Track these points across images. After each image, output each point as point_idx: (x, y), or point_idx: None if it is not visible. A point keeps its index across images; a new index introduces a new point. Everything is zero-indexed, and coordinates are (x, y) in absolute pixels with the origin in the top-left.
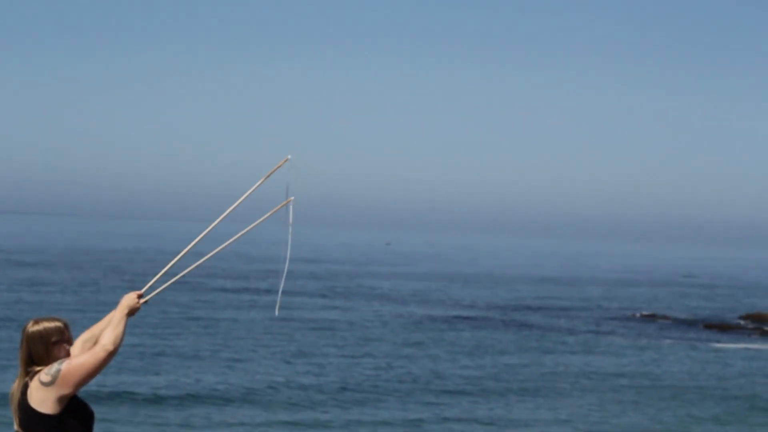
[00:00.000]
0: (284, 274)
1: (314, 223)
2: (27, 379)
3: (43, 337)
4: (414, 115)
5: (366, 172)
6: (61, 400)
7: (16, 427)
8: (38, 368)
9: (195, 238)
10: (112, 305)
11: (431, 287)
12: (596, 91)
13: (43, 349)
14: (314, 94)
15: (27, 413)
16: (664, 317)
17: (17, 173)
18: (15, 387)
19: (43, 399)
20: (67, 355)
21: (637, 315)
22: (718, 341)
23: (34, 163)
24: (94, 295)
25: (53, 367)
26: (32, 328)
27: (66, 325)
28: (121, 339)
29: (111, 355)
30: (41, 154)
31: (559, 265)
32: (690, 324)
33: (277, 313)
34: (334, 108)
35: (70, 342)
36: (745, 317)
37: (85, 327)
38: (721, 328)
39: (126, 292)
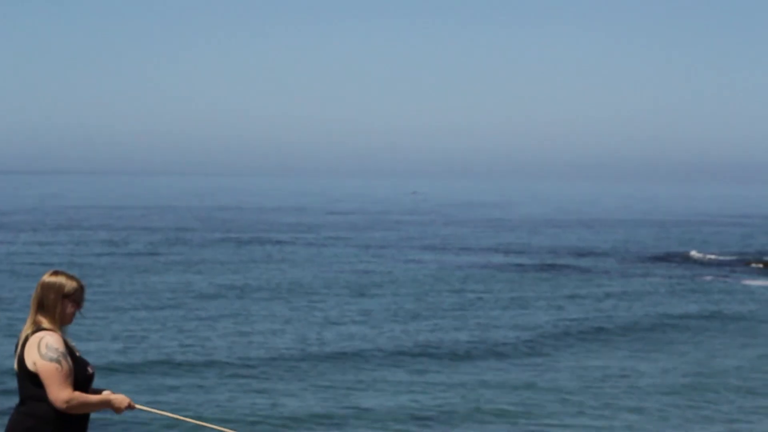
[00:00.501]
0: None
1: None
2: (30, 332)
3: (58, 289)
4: (442, 60)
5: (387, 122)
6: None
7: (15, 366)
8: (45, 322)
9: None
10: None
11: (466, 233)
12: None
13: (54, 300)
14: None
15: (21, 368)
16: (703, 257)
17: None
18: (22, 332)
19: (35, 361)
20: (72, 314)
21: (674, 255)
22: (755, 280)
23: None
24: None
25: (51, 348)
26: (49, 278)
27: (82, 288)
28: (79, 411)
29: (58, 408)
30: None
31: (598, 209)
32: (730, 263)
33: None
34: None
35: (80, 304)
36: None
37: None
38: (759, 265)
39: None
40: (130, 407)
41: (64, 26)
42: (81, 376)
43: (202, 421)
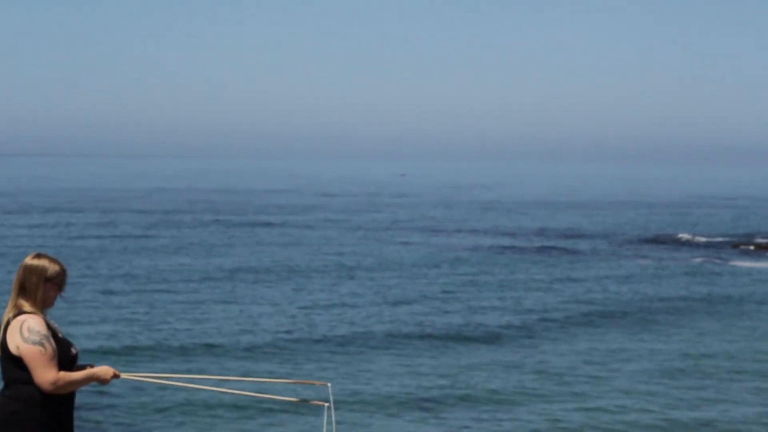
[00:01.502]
0: None
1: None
2: (11, 316)
3: (40, 272)
4: (432, 43)
5: (376, 102)
6: None
7: None
8: (26, 305)
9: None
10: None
11: (455, 216)
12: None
13: (36, 284)
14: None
15: (4, 352)
16: (692, 238)
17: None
18: (4, 316)
19: (18, 344)
20: (54, 297)
21: (663, 237)
22: (745, 261)
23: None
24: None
25: (34, 331)
26: (31, 261)
27: (64, 272)
28: (66, 390)
29: (45, 390)
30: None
31: (588, 190)
32: (718, 245)
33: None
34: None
35: (61, 287)
36: None
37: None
38: (750, 247)
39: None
40: (115, 377)
41: (45, 7)
42: (65, 357)
43: (192, 382)
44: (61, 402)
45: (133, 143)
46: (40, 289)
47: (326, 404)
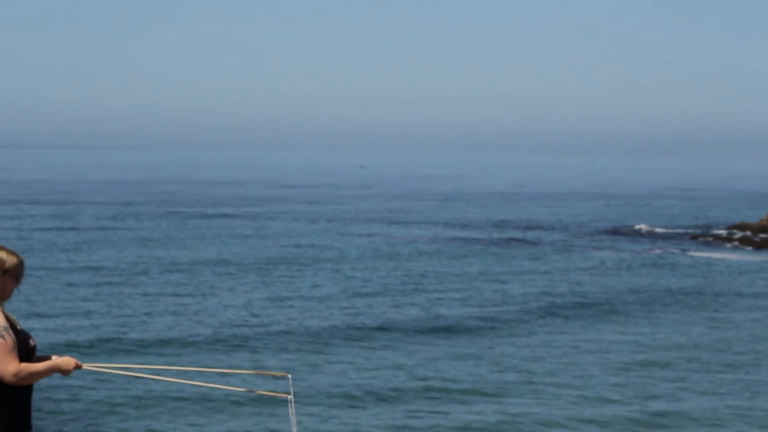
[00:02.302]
0: None
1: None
2: None
3: None
4: (388, 33)
5: (335, 94)
6: None
7: None
8: None
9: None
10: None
11: (416, 208)
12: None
13: None
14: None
15: None
16: (650, 230)
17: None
18: None
19: None
20: (12, 290)
21: (622, 228)
22: (703, 252)
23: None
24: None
25: None
26: None
27: (22, 264)
28: (28, 381)
29: (7, 382)
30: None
31: (548, 182)
32: (676, 236)
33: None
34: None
35: (19, 280)
36: (731, 227)
37: None
38: (708, 238)
39: None
40: (78, 367)
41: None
42: (23, 348)
43: (154, 373)
44: (19, 393)
45: (91, 134)
46: (1, 281)
47: (287, 396)
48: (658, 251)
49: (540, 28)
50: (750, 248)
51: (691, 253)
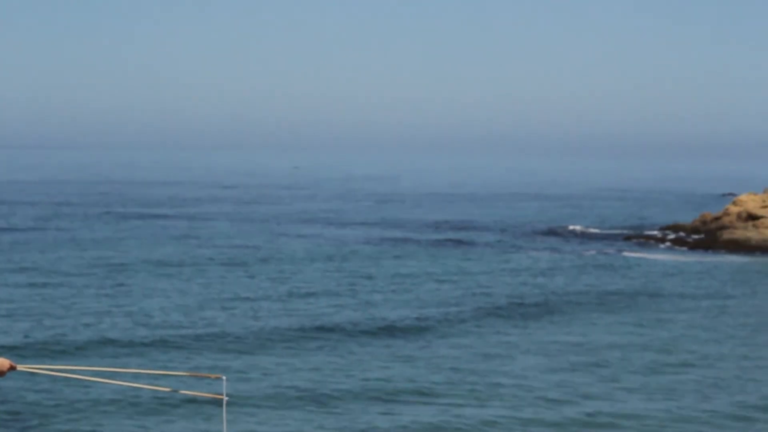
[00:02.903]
0: None
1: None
2: None
3: None
4: (332, 34)
5: (272, 94)
6: None
7: None
8: None
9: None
10: None
11: (351, 208)
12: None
13: None
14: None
15: None
16: (585, 230)
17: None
18: None
19: None
20: None
21: (557, 228)
22: (637, 253)
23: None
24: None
25: None
26: None
27: None
28: None
29: None
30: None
31: (485, 183)
32: (610, 236)
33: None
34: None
35: None
36: (664, 228)
37: None
38: (641, 238)
39: None
40: (12, 368)
41: None
42: None
43: (87, 374)
44: None
45: (23, 134)
46: None
47: (222, 397)
48: (592, 252)
49: (460, 27)
50: (683, 249)
51: (624, 254)
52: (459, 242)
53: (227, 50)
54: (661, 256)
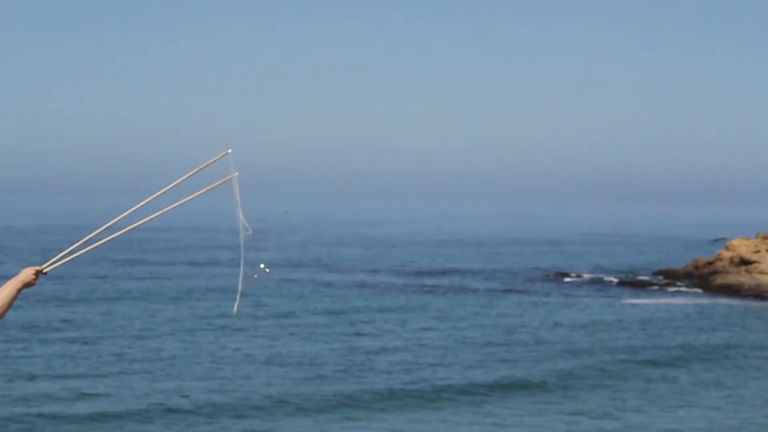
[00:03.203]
0: (242, 264)
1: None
2: None
3: None
4: (308, 80)
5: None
6: None
7: None
8: None
9: None
10: None
11: (344, 253)
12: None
13: None
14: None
15: None
16: (578, 275)
17: None
18: None
19: None
20: None
21: (550, 274)
22: (632, 297)
23: None
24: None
25: None
26: None
27: None
28: (6, 308)
29: None
30: None
31: (465, 228)
32: (604, 282)
33: (235, 310)
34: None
35: None
36: (657, 273)
37: None
38: (634, 284)
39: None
40: (40, 273)
41: None
42: None
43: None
44: None
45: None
46: None
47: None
48: (588, 298)
49: (444, 73)
50: (674, 292)
51: (617, 299)
52: (447, 288)
53: (199, 90)
54: (653, 301)
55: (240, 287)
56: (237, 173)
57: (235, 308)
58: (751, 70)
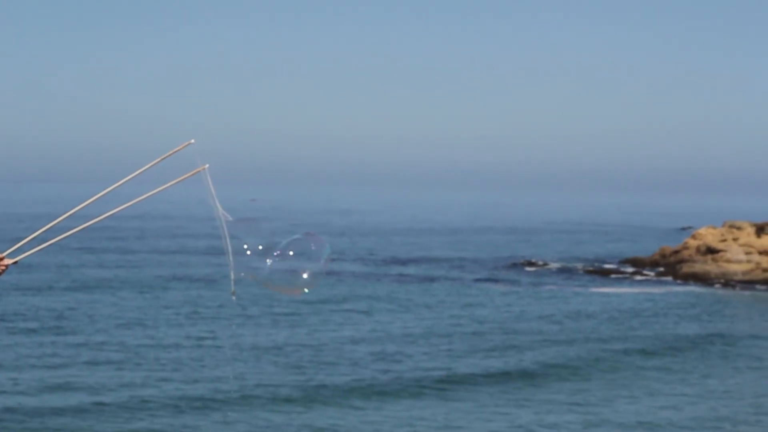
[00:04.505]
0: (230, 252)
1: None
2: None
3: None
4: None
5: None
6: None
7: None
8: None
9: None
10: None
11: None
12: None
13: None
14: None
15: None
16: (546, 264)
17: None
18: None
19: None
20: None
21: (519, 263)
22: (599, 286)
23: None
24: None
25: None
26: None
27: None
28: None
29: None
30: None
31: (435, 217)
32: (571, 270)
33: (233, 298)
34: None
35: None
36: (624, 262)
37: None
38: (602, 273)
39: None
40: (11, 263)
41: None
42: None
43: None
44: None
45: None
46: None
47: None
48: (555, 286)
49: (414, 59)
50: (641, 281)
51: (584, 288)
52: (415, 276)
53: (172, 81)
54: (620, 290)
55: (232, 276)
56: (207, 165)
57: (233, 296)
58: (714, 61)
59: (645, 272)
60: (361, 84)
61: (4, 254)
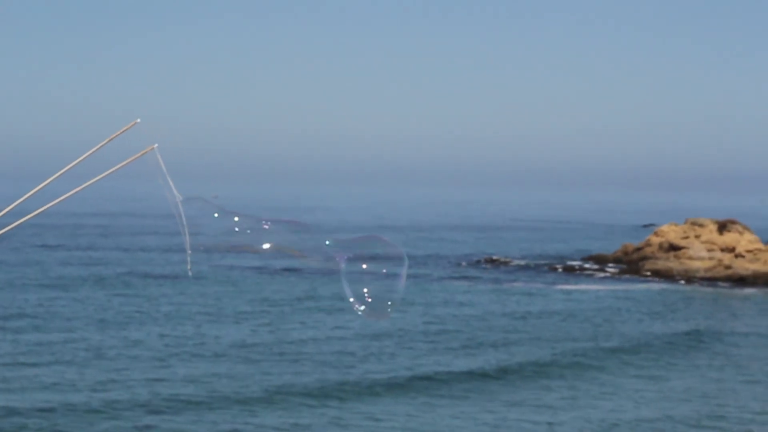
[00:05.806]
0: (186, 230)
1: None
2: None
3: None
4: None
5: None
6: None
7: None
8: None
9: None
10: None
11: None
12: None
13: None
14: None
15: None
16: (509, 261)
17: None
18: None
19: None
20: None
21: (482, 260)
22: (562, 283)
23: None
24: None
25: None
26: None
27: None
28: None
29: None
30: None
31: (399, 214)
32: (534, 267)
33: (190, 273)
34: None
35: None
36: (587, 258)
37: None
38: (565, 270)
39: None
40: None
41: None
42: None
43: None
44: None
45: None
46: None
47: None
48: (519, 284)
49: (366, 58)
50: (604, 278)
51: (548, 285)
52: None
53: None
54: (583, 286)
55: (188, 251)
56: (156, 144)
57: (189, 271)
58: (675, 59)
59: (608, 269)
60: (329, 83)
61: None
